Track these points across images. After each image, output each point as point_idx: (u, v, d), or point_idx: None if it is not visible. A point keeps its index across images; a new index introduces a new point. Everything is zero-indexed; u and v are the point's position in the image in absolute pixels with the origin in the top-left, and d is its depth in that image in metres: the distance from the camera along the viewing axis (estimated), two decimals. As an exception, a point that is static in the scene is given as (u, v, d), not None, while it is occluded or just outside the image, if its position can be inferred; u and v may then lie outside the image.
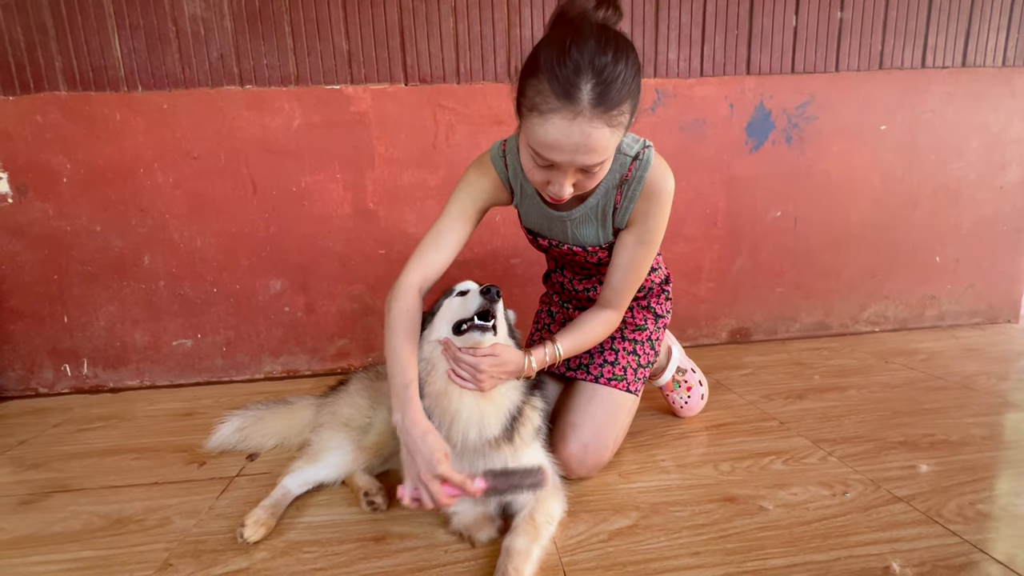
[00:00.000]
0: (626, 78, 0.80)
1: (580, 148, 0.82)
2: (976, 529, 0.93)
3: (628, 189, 1.03)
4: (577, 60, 0.78)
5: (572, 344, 1.09)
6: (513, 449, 0.96)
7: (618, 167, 1.02)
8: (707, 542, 0.93)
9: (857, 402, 1.51)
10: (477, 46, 1.83)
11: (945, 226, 2.16)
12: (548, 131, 0.81)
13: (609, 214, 1.07)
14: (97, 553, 0.97)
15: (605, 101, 0.79)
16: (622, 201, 1.04)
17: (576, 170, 0.87)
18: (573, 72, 0.78)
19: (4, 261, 1.78)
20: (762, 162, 2.02)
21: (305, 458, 1.12)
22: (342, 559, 0.92)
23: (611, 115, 0.81)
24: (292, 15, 1.74)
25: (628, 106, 0.83)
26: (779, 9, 1.91)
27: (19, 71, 1.69)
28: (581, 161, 0.84)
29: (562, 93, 0.79)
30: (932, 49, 2.02)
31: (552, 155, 0.84)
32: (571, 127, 0.80)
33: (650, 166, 1.01)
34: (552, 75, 0.79)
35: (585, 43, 0.78)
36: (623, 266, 1.09)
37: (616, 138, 0.85)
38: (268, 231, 1.85)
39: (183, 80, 1.74)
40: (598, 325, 1.12)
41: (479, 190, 1.10)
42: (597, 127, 0.80)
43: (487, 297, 0.91)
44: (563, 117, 0.80)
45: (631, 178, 1.02)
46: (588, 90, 0.78)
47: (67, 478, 1.26)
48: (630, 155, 1.02)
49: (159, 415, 1.64)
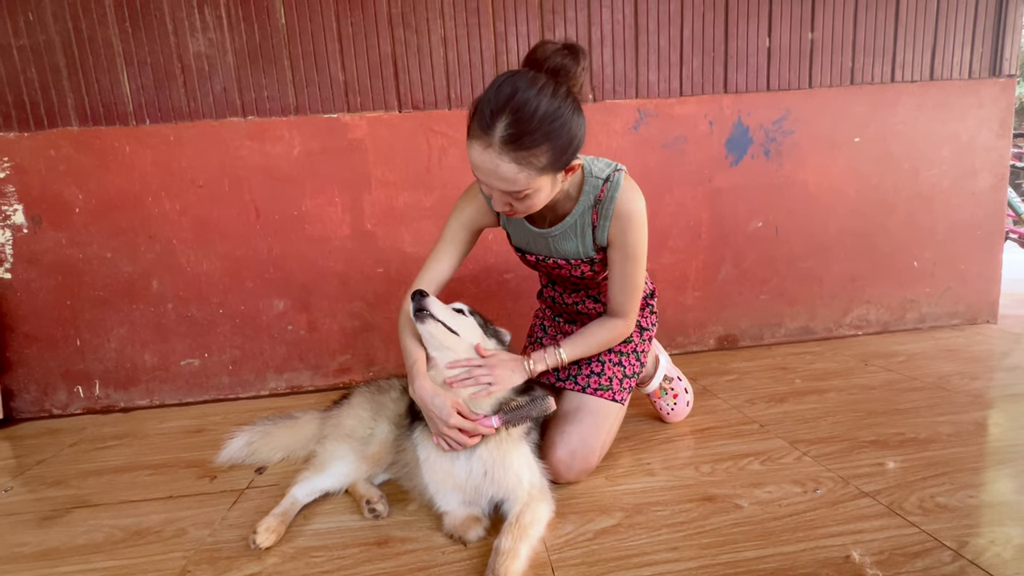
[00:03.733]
0: (545, 126, 0.89)
1: (493, 175, 0.94)
2: (933, 520, 1.00)
3: (602, 208, 1.13)
4: (502, 98, 0.89)
5: (576, 348, 1.20)
6: (499, 442, 1.05)
7: (591, 189, 1.13)
8: (685, 538, 1.00)
9: (835, 404, 1.59)
10: (467, 73, 1.93)
11: (921, 231, 2.25)
12: (471, 153, 0.95)
13: (588, 232, 1.16)
14: (120, 563, 1.04)
15: (515, 141, 0.89)
16: (599, 220, 1.14)
17: (503, 192, 0.97)
18: (493, 110, 0.89)
19: (20, 288, 1.86)
20: (742, 175, 2.12)
21: (311, 469, 1.19)
22: (348, 562, 1.00)
23: (520, 154, 0.90)
24: (291, 49, 1.84)
25: (545, 149, 0.92)
26: (752, 31, 2.02)
27: (33, 109, 1.79)
28: (498, 186, 0.95)
29: (481, 124, 0.91)
30: (900, 64, 2.12)
31: (477, 175, 0.97)
32: (483, 155, 0.92)
33: (620, 187, 1.11)
34: (481, 106, 0.91)
35: (516, 83, 0.89)
36: (617, 280, 1.19)
37: (531, 176, 0.93)
38: (271, 253, 1.94)
39: (188, 113, 1.84)
40: (603, 331, 1.22)
41: (467, 216, 1.23)
42: (505, 161, 0.91)
43: (412, 300, 1.09)
44: (480, 144, 0.92)
45: (604, 198, 1.12)
46: (502, 128, 0.89)
47: (86, 494, 1.33)
48: (602, 178, 1.12)
49: (170, 432, 1.72)
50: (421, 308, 1.07)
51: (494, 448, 1.05)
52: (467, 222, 1.23)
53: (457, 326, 1.11)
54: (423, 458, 1.10)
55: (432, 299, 1.10)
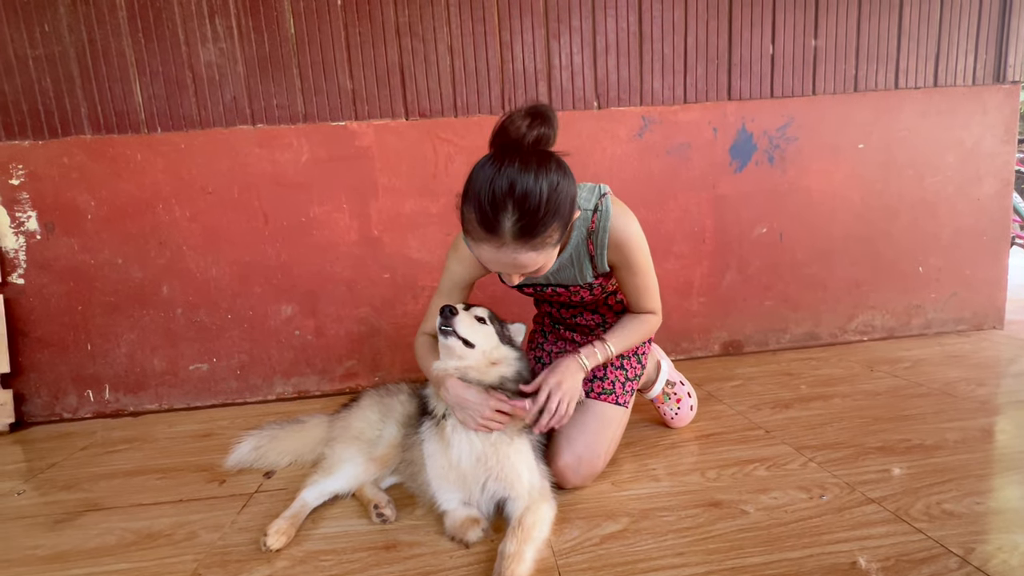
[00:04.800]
0: (551, 206, 0.88)
1: (510, 267, 0.94)
2: (940, 527, 1.00)
3: (596, 238, 1.13)
4: (501, 194, 0.86)
5: (620, 341, 1.22)
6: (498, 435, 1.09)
7: (582, 222, 1.13)
8: (691, 543, 1.01)
9: (840, 410, 1.59)
10: (473, 81, 1.95)
11: (926, 237, 2.25)
12: (480, 254, 0.95)
13: (586, 262, 1.17)
14: (132, 565, 1.05)
15: (527, 232, 0.89)
16: (595, 249, 1.14)
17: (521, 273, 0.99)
18: (495, 208, 0.87)
19: (32, 294, 1.89)
20: (746, 181, 2.13)
21: (321, 472, 1.21)
22: (356, 566, 1.01)
23: (535, 242, 0.90)
24: (300, 58, 1.87)
25: (555, 226, 0.91)
26: (756, 39, 2.04)
27: (48, 117, 1.82)
28: (517, 272, 0.97)
29: (486, 227, 0.89)
30: (904, 71, 2.13)
31: (491, 267, 0.98)
32: (498, 254, 0.92)
33: (610, 215, 1.11)
34: (479, 207, 0.88)
35: (509, 175, 0.86)
36: (632, 293, 1.22)
37: (547, 253, 0.95)
38: (279, 259, 1.96)
39: (199, 121, 1.87)
40: (640, 323, 1.25)
41: (458, 276, 1.25)
42: (523, 253, 0.91)
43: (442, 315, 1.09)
44: (490, 246, 0.92)
45: (596, 229, 1.12)
46: (510, 226, 0.88)
47: (97, 497, 1.35)
48: (589, 208, 1.11)
49: (179, 437, 1.74)
50: (448, 325, 1.08)
51: (495, 441, 1.08)
52: (459, 281, 1.25)
53: (475, 337, 1.11)
54: (428, 453, 1.13)
55: (460, 317, 1.09)
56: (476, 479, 1.08)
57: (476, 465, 1.07)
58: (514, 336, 1.24)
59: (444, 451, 1.10)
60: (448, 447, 1.09)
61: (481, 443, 1.08)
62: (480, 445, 1.08)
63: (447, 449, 1.09)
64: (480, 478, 1.08)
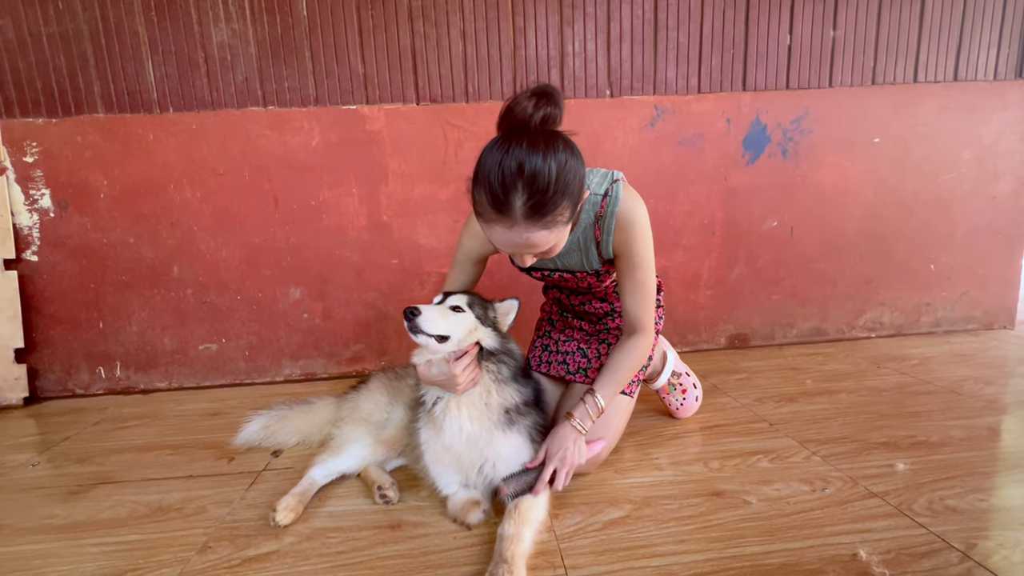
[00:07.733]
0: (560, 184, 0.88)
1: (523, 247, 0.94)
2: (942, 522, 1.00)
3: (604, 223, 1.13)
4: (510, 174, 0.86)
5: (609, 388, 1.18)
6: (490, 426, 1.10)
7: (591, 206, 1.13)
8: (692, 531, 1.02)
9: (846, 405, 1.59)
10: (484, 67, 1.94)
11: (939, 235, 2.22)
12: (492, 235, 0.95)
13: (592, 247, 1.17)
14: (144, 537, 1.08)
15: (538, 211, 0.89)
16: (602, 235, 1.14)
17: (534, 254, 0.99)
18: (505, 189, 0.87)
19: (46, 271, 1.91)
20: (758, 174, 2.11)
21: (329, 451, 1.23)
22: (362, 543, 1.03)
23: (546, 220, 0.90)
24: (312, 41, 1.86)
25: (565, 204, 0.91)
26: (773, 29, 2.00)
27: (61, 96, 1.83)
28: (530, 252, 0.97)
29: (497, 208, 0.90)
30: (924, 65, 2.09)
31: (503, 249, 0.99)
32: (510, 234, 0.92)
33: (619, 201, 1.11)
34: (489, 189, 0.89)
35: (517, 155, 0.86)
36: (629, 290, 1.19)
37: (560, 232, 0.95)
38: (288, 242, 1.97)
39: (211, 102, 1.87)
40: (628, 357, 1.20)
41: (470, 250, 1.26)
42: (535, 232, 0.91)
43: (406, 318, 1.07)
44: (502, 226, 0.92)
45: (604, 214, 1.12)
46: (520, 205, 0.88)
47: (109, 471, 1.38)
48: (600, 193, 1.12)
49: (188, 415, 1.76)
50: (413, 329, 1.06)
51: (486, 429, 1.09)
52: (471, 255, 1.26)
53: (449, 328, 1.09)
54: (423, 439, 1.15)
55: (423, 317, 1.06)
56: (472, 462, 1.10)
57: (469, 446, 1.09)
58: (502, 314, 1.21)
59: (437, 436, 1.11)
60: (440, 432, 1.11)
61: (471, 424, 1.09)
62: (469, 426, 1.09)
63: (440, 434, 1.11)
64: (476, 462, 1.10)
